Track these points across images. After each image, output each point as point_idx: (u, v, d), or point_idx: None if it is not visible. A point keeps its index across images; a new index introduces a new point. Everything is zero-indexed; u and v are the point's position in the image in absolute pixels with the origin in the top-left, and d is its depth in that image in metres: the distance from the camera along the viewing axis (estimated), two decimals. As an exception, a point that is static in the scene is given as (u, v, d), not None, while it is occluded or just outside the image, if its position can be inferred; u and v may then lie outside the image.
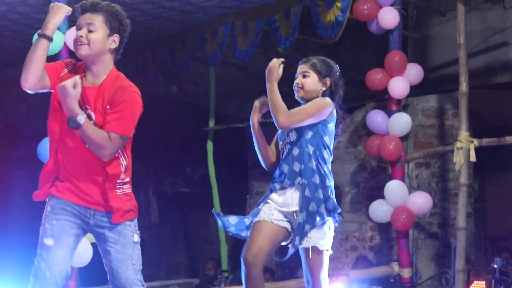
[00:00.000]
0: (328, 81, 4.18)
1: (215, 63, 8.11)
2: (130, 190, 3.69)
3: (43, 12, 6.80)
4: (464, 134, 6.56)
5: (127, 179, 3.67)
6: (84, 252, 5.35)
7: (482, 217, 8.60)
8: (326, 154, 4.12)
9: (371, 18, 6.82)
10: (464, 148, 6.53)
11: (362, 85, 7.16)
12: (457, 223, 6.59)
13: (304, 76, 4.17)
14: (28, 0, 6.54)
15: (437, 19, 8.22)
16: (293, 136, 4.09)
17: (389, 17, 6.72)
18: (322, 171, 4.07)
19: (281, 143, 4.15)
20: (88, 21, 3.57)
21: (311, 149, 4.05)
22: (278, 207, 4.06)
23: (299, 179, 4.03)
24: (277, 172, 4.13)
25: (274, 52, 7.99)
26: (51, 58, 5.43)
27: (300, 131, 4.07)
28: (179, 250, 11.46)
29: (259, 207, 4.12)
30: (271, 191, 4.12)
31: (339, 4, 6.89)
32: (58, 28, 5.34)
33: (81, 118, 3.46)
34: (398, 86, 6.79)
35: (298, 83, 4.17)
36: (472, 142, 6.54)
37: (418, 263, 7.45)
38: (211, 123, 8.77)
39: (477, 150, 6.55)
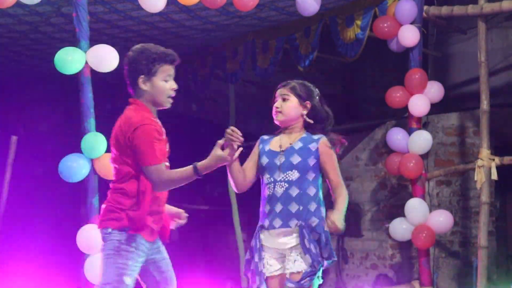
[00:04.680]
0: (308, 104, 4.12)
1: (236, 81, 8.13)
2: None
3: (64, 31, 6.87)
4: (485, 152, 6.53)
5: None
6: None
7: (504, 236, 8.52)
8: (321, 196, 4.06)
9: (391, 36, 6.82)
10: (486, 166, 6.50)
11: (382, 103, 7.15)
12: (479, 241, 6.54)
13: (284, 100, 4.10)
14: (50, 20, 6.60)
15: (457, 37, 8.20)
16: (293, 175, 3.98)
17: (409, 35, 6.71)
18: (322, 214, 4.01)
19: (268, 176, 4.02)
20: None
21: (312, 191, 3.99)
22: (271, 246, 4.00)
23: (295, 221, 3.94)
24: (268, 209, 4.01)
25: (293, 70, 8.01)
26: (71, 77, 5.51)
27: (303, 172, 3.99)
28: (199, 268, 11.45)
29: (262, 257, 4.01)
30: (261, 229, 4.04)
31: (359, 22, 6.90)
32: (79, 47, 5.43)
33: None
34: (419, 104, 6.77)
35: (277, 107, 4.11)
36: (493, 160, 6.51)
37: (439, 282, 7.39)
38: (231, 141, 8.76)
39: (498, 168, 6.52)
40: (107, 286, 3.67)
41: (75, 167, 5.33)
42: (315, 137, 4.09)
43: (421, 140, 6.80)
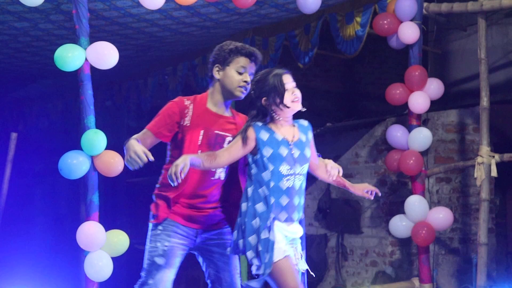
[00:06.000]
0: None
1: (235, 78, 8.12)
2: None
3: (64, 28, 6.88)
4: (485, 149, 6.53)
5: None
6: (104, 267, 5.36)
7: (504, 233, 8.53)
8: None
9: (391, 33, 6.81)
10: (485, 163, 6.50)
11: (382, 100, 7.14)
12: (479, 238, 6.55)
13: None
14: (50, 17, 6.61)
15: (457, 34, 8.20)
16: (305, 169, 3.95)
17: (409, 32, 6.71)
18: None
19: (289, 167, 3.86)
20: (252, 70, 4.09)
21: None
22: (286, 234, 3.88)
23: (302, 214, 3.95)
24: (286, 202, 3.85)
25: (293, 67, 8.01)
26: (72, 74, 5.51)
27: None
28: (198, 265, 11.45)
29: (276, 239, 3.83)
30: (275, 219, 3.84)
31: (358, 19, 6.90)
32: (79, 44, 5.44)
33: None
34: (418, 101, 6.77)
35: (297, 96, 4.03)
36: (493, 157, 6.51)
37: (439, 279, 7.39)
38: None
39: (498, 165, 6.52)
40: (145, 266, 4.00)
41: (75, 164, 5.33)
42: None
43: (421, 137, 6.81)
